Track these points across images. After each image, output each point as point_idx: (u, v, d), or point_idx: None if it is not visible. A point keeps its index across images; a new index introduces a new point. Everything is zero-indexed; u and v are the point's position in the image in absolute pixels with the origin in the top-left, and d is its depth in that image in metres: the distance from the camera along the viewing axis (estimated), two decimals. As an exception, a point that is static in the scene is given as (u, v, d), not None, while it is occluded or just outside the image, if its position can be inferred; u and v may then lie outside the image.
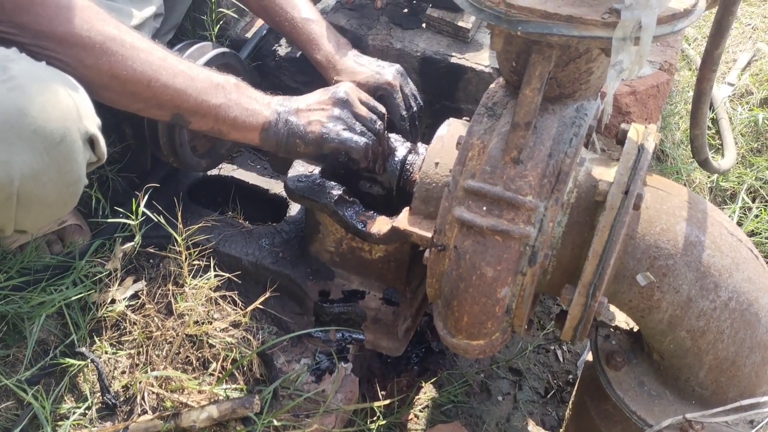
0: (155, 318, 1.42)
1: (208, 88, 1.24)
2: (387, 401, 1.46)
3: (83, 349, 1.37)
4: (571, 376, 1.86)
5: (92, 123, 1.13)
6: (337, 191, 1.36)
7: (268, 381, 1.41)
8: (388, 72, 1.51)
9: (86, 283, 1.43)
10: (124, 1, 1.48)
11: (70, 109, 1.07)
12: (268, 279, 1.50)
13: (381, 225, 1.33)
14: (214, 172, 1.77)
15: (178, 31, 1.80)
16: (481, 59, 1.82)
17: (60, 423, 1.29)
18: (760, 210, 2.19)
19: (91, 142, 1.14)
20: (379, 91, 1.47)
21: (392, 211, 1.34)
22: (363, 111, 1.31)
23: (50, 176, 1.08)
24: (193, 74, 1.23)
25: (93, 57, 1.14)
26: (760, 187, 2.26)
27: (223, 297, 1.45)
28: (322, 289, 1.49)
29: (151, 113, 1.25)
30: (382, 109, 1.37)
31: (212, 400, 1.33)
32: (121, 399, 1.35)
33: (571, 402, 1.57)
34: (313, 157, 1.35)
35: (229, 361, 1.38)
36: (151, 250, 1.51)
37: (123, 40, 1.16)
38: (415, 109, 1.53)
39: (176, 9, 1.75)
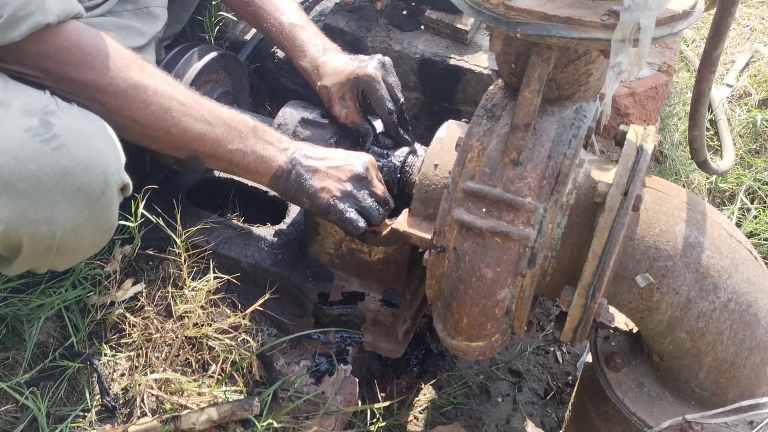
0: (154, 320, 1.42)
1: (225, 133, 1.26)
2: (387, 403, 1.46)
3: (82, 352, 1.37)
4: (570, 378, 1.86)
5: (123, 170, 1.16)
6: (336, 193, 1.36)
7: (267, 383, 1.41)
8: (369, 65, 1.46)
9: (85, 285, 1.43)
10: (130, 17, 1.50)
11: (111, 164, 1.11)
12: (267, 281, 1.50)
13: (380, 227, 1.33)
14: (213, 174, 1.77)
15: (177, 33, 1.80)
16: (480, 61, 1.82)
17: (59, 425, 1.29)
18: (759, 211, 2.19)
19: (124, 187, 1.18)
20: (361, 86, 1.44)
21: (392, 213, 1.34)
22: (379, 190, 1.32)
23: (89, 228, 1.12)
24: (211, 119, 1.25)
25: (116, 103, 1.16)
26: (759, 188, 2.26)
27: (223, 299, 1.45)
28: (322, 291, 1.49)
29: (168, 153, 1.29)
30: (390, 200, 1.35)
31: (212, 402, 1.33)
32: (121, 401, 1.34)
33: (570, 403, 1.57)
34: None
35: (229, 363, 1.38)
36: (151, 252, 1.51)
37: (146, 86, 1.18)
38: (402, 99, 1.48)
39: (178, 19, 1.75)
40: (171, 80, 1.25)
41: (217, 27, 1.89)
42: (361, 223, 1.29)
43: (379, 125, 1.48)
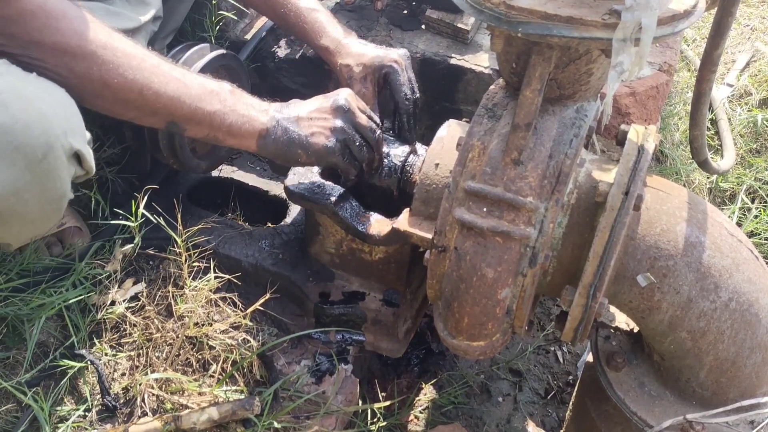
0: (155, 320, 1.42)
1: (202, 94, 1.22)
2: (387, 402, 1.46)
3: (83, 351, 1.37)
4: (571, 377, 1.86)
5: (79, 138, 1.12)
6: (336, 193, 1.36)
7: (268, 382, 1.41)
8: (395, 52, 1.49)
9: (86, 285, 1.43)
10: (122, 5, 1.48)
11: (54, 126, 1.06)
12: (268, 280, 1.50)
13: (381, 226, 1.33)
14: (213, 173, 1.77)
15: (177, 32, 1.80)
16: (481, 60, 1.82)
17: (60, 425, 1.29)
18: (760, 210, 2.19)
19: (77, 157, 1.13)
20: (384, 69, 1.45)
21: (392, 213, 1.34)
22: (363, 120, 1.30)
23: (32, 193, 1.07)
24: (186, 81, 1.21)
25: (84, 66, 1.12)
26: (759, 187, 2.26)
27: (223, 299, 1.45)
28: (322, 290, 1.49)
29: (146, 121, 1.24)
30: (377, 119, 1.35)
31: (212, 401, 1.33)
32: (121, 401, 1.34)
33: (571, 403, 1.57)
34: (310, 166, 1.36)
35: (230, 362, 1.38)
36: (151, 252, 1.51)
37: (114, 47, 1.14)
38: (417, 95, 1.51)
39: (176, 12, 1.74)
40: (141, 46, 1.21)
41: (218, 26, 1.89)
42: (357, 166, 1.29)
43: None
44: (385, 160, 1.41)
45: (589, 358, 1.37)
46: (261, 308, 1.42)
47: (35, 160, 1.04)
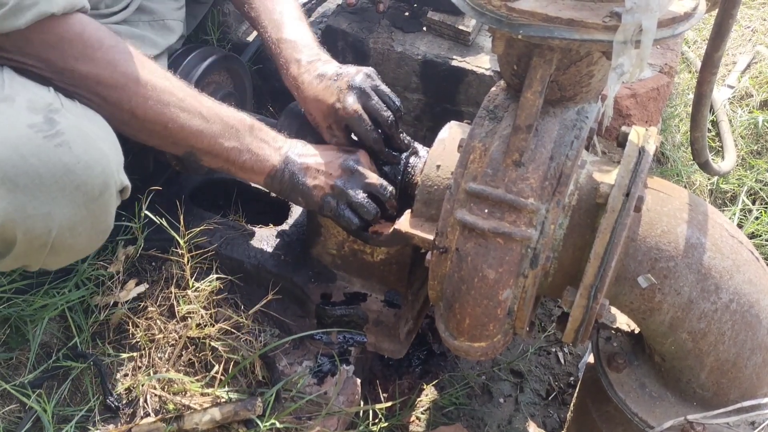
0: (157, 321, 1.42)
1: (222, 131, 1.27)
2: (389, 403, 1.46)
3: (86, 352, 1.38)
4: (572, 378, 1.87)
5: (123, 173, 1.17)
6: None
7: (270, 383, 1.41)
8: (348, 98, 1.34)
9: (88, 285, 1.44)
10: (145, 28, 1.50)
11: (111, 165, 1.12)
12: (269, 282, 1.50)
13: (382, 227, 1.34)
14: (216, 175, 1.78)
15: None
16: (482, 62, 1.82)
17: (63, 426, 1.29)
18: (761, 212, 2.19)
19: (122, 189, 1.18)
20: (344, 122, 1.36)
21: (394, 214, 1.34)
22: (372, 179, 1.31)
23: (85, 227, 1.12)
24: (209, 116, 1.26)
25: (115, 96, 1.17)
26: (760, 189, 2.26)
27: (225, 300, 1.46)
28: (324, 291, 1.49)
29: (166, 148, 1.30)
30: (384, 183, 1.32)
31: (215, 402, 1.33)
32: (124, 401, 1.35)
33: (572, 404, 1.57)
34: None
35: (232, 363, 1.39)
36: (154, 253, 1.52)
37: (146, 81, 1.19)
38: (390, 118, 1.36)
39: (187, 26, 1.76)
40: (171, 77, 1.26)
41: (220, 29, 1.90)
42: (355, 219, 1.29)
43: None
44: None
45: (590, 359, 1.37)
46: (263, 309, 1.42)
47: (93, 197, 1.09)
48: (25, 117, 1.04)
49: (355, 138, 1.39)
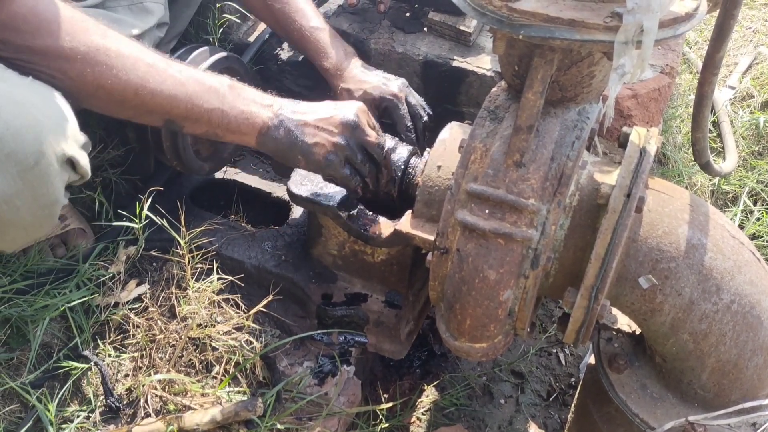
0: (158, 321, 1.42)
1: (199, 92, 1.20)
2: (389, 404, 1.46)
3: (87, 353, 1.38)
4: (573, 379, 1.86)
5: (72, 144, 1.10)
6: (339, 195, 1.36)
7: (270, 384, 1.41)
8: (394, 84, 1.51)
9: (89, 286, 1.44)
10: (124, 12, 1.48)
11: (46, 132, 1.05)
12: (270, 282, 1.50)
13: (383, 228, 1.34)
14: (217, 175, 1.78)
15: (181, 36, 1.81)
16: (483, 63, 1.82)
17: (64, 426, 1.29)
18: (762, 213, 2.19)
19: (72, 162, 1.12)
20: (384, 102, 1.46)
21: (395, 214, 1.34)
22: (372, 137, 1.28)
23: (24, 200, 1.06)
24: (182, 79, 1.19)
25: (77, 68, 1.11)
26: (762, 190, 2.26)
27: (226, 300, 1.46)
28: (325, 292, 1.49)
29: (143, 120, 1.23)
30: (384, 137, 1.34)
31: (215, 403, 1.33)
32: (125, 402, 1.35)
33: (573, 405, 1.57)
34: (308, 171, 1.35)
35: (232, 364, 1.39)
36: (154, 254, 1.52)
37: (108, 48, 1.13)
38: (425, 119, 1.53)
39: (181, 17, 1.75)
40: (136, 43, 1.19)
41: (221, 29, 1.90)
42: (357, 178, 1.27)
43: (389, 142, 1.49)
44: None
45: (591, 360, 1.37)
46: (264, 310, 1.42)
47: (27, 167, 1.03)
48: None
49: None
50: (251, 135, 1.25)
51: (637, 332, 1.31)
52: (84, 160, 1.13)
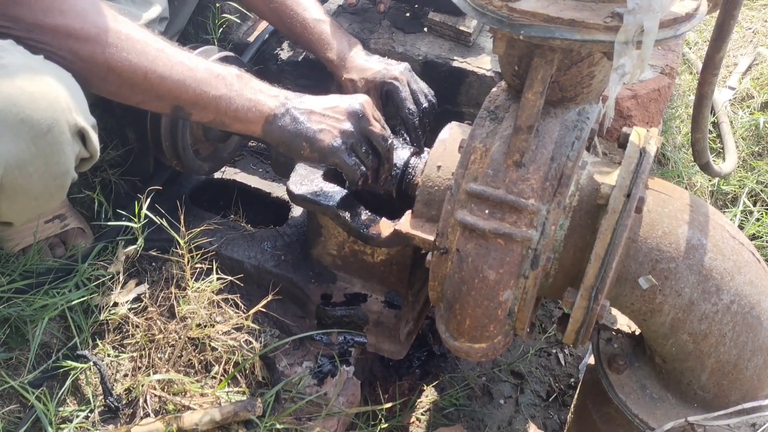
0: (158, 321, 1.42)
1: (208, 78, 1.21)
2: (389, 404, 1.46)
3: (86, 352, 1.37)
4: (572, 380, 1.86)
5: (83, 117, 1.11)
6: (339, 195, 1.36)
7: (270, 384, 1.41)
8: (396, 68, 1.51)
9: (89, 286, 1.44)
10: (126, 2, 1.49)
11: (60, 100, 1.06)
12: (270, 282, 1.50)
13: (383, 228, 1.34)
14: (216, 175, 1.78)
15: (181, 36, 1.81)
16: (483, 63, 1.82)
17: (63, 426, 1.29)
18: (762, 213, 2.19)
19: (82, 136, 1.13)
20: (386, 86, 1.46)
21: (395, 214, 1.34)
22: (376, 128, 1.29)
23: (36, 166, 1.07)
24: (192, 65, 1.20)
25: (88, 49, 1.12)
26: (761, 190, 2.26)
27: (226, 300, 1.46)
28: (324, 292, 1.49)
29: (152, 106, 1.23)
30: (388, 129, 1.35)
31: (214, 403, 1.33)
32: (124, 402, 1.35)
33: (572, 405, 1.57)
34: (312, 162, 1.35)
35: (232, 364, 1.38)
36: (154, 253, 1.52)
37: (118, 30, 1.14)
38: (425, 105, 1.51)
39: (180, 14, 1.75)
40: (146, 29, 1.20)
41: (221, 29, 1.90)
42: (362, 167, 1.27)
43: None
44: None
45: (591, 360, 1.37)
46: (263, 310, 1.42)
47: (40, 132, 1.04)
48: None
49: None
50: (258, 123, 1.25)
51: (637, 333, 1.31)
52: (95, 138, 1.14)
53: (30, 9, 1.08)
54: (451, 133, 1.28)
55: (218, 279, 1.45)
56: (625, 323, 1.33)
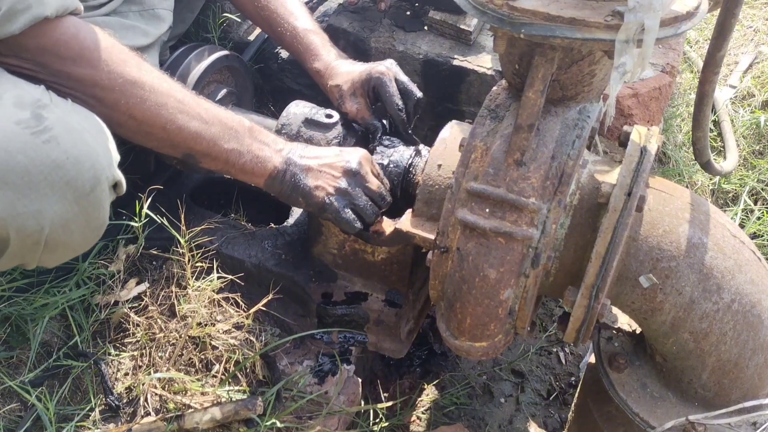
0: (158, 320, 1.42)
1: (221, 132, 1.27)
2: (390, 403, 1.46)
3: (86, 351, 1.37)
4: (573, 378, 1.86)
5: (117, 168, 1.16)
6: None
7: (270, 383, 1.41)
8: (381, 65, 1.51)
9: (89, 284, 1.44)
10: (136, 18, 1.50)
11: (101, 159, 1.10)
12: (270, 281, 1.50)
13: (384, 227, 1.34)
14: (217, 174, 1.78)
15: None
16: (484, 62, 1.82)
17: (63, 424, 1.29)
18: (762, 212, 2.19)
19: (116, 184, 1.17)
20: (372, 82, 1.47)
21: (395, 213, 1.34)
22: (373, 185, 1.32)
23: (78, 224, 1.11)
24: (208, 118, 1.26)
25: (112, 98, 1.17)
26: (762, 189, 2.26)
27: (226, 299, 1.46)
28: (325, 291, 1.49)
29: (164, 150, 1.29)
30: (386, 183, 1.37)
31: (215, 401, 1.33)
32: (125, 401, 1.35)
33: (573, 404, 1.57)
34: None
35: (232, 362, 1.38)
36: (154, 252, 1.52)
37: (143, 82, 1.19)
38: (418, 95, 1.50)
39: (184, 20, 1.76)
40: (168, 79, 1.25)
41: (221, 27, 1.90)
42: (357, 223, 1.30)
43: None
44: (388, 159, 1.41)
45: (592, 359, 1.37)
46: (264, 308, 1.42)
47: (84, 193, 1.08)
48: (12, 113, 1.02)
49: (353, 129, 1.41)
50: (261, 177, 1.31)
51: (638, 331, 1.31)
52: (124, 182, 1.18)
53: (59, 58, 1.12)
54: (452, 132, 1.28)
55: (219, 278, 1.45)
56: (625, 322, 1.33)
